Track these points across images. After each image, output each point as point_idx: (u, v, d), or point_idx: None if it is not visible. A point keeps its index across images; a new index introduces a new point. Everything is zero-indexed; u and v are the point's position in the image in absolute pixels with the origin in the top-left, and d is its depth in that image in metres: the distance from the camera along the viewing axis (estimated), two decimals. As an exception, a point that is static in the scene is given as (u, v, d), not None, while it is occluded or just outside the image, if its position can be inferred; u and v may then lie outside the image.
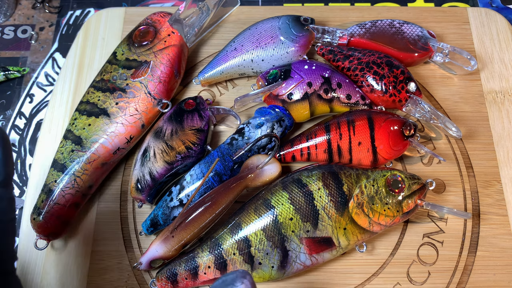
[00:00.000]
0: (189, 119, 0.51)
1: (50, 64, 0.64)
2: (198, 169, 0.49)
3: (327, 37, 0.58)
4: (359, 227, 0.45)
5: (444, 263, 0.49)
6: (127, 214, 0.52)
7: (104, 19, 0.63)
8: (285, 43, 0.56)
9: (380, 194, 0.45)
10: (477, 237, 0.50)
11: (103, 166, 0.50)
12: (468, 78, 0.59)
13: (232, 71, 0.57)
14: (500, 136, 0.55)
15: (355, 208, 0.45)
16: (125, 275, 0.48)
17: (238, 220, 0.45)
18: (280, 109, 0.52)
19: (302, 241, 0.44)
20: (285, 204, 0.45)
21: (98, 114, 0.51)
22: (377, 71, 0.53)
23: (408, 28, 0.58)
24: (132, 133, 0.51)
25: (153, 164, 0.49)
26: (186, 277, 0.45)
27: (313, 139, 0.51)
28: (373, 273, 0.48)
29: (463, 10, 0.64)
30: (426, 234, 0.50)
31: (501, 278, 0.48)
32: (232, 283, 0.30)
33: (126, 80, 0.52)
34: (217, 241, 0.45)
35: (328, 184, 0.45)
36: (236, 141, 0.50)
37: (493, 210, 0.51)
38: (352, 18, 0.63)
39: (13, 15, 0.68)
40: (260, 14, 0.63)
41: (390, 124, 0.50)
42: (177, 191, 0.49)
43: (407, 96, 0.53)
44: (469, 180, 0.53)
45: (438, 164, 0.54)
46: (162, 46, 0.54)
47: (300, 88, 0.52)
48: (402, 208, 0.45)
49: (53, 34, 0.66)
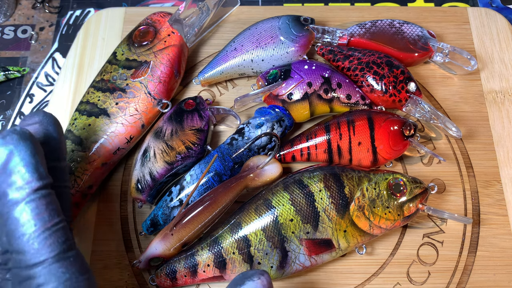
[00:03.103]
0: (189, 119, 0.51)
1: (50, 64, 0.64)
2: (198, 169, 0.49)
3: (327, 37, 0.58)
4: (359, 229, 0.45)
5: (444, 263, 0.49)
6: (127, 214, 0.52)
7: (104, 19, 0.63)
8: (285, 43, 0.56)
9: (382, 198, 0.45)
10: (477, 237, 0.50)
11: (103, 166, 0.50)
12: (468, 78, 0.59)
13: (232, 71, 0.57)
14: (500, 136, 0.55)
15: (356, 210, 0.45)
16: (125, 275, 0.48)
17: (238, 220, 0.45)
18: (280, 109, 0.52)
19: (302, 242, 0.44)
20: (286, 205, 0.45)
21: (98, 114, 0.51)
22: (377, 71, 0.53)
23: (408, 28, 0.58)
24: (132, 133, 0.51)
25: (153, 164, 0.49)
26: (185, 275, 0.45)
27: (313, 139, 0.51)
28: (373, 273, 0.48)
29: (463, 10, 0.64)
30: (426, 234, 0.50)
31: (501, 278, 0.48)
32: (251, 276, 0.34)
33: (126, 80, 0.52)
34: (217, 239, 0.45)
35: (329, 186, 0.45)
36: (236, 141, 0.50)
37: (493, 210, 0.51)
38: (352, 18, 0.63)
39: (13, 15, 0.68)
40: (260, 14, 0.63)
41: (390, 124, 0.50)
42: (177, 191, 0.49)
43: (407, 96, 0.53)
44: (469, 180, 0.53)
45: (438, 164, 0.54)
46: (162, 46, 0.54)
47: (300, 88, 0.52)
48: (403, 212, 0.45)
49: (53, 34, 0.67)
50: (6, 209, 0.30)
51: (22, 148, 0.30)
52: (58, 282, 0.30)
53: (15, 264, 0.30)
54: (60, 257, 0.30)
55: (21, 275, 0.30)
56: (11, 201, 0.30)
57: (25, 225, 0.30)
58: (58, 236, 0.30)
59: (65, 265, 0.30)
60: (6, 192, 0.30)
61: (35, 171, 0.30)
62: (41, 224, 0.30)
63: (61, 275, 0.30)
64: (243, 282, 0.34)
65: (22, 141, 0.30)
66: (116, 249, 0.50)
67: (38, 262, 0.29)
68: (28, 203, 0.30)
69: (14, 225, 0.30)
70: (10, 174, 0.30)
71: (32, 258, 0.29)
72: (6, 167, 0.30)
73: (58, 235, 0.31)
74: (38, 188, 0.30)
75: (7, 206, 0.30)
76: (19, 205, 0.30)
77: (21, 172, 0.30)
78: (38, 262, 0.29)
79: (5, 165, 0.30)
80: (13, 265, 0.30)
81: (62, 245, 0.31)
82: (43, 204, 0.30)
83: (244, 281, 0.34)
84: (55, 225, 0.31)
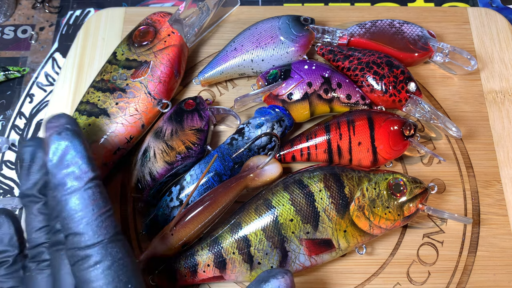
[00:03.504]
0: (189, 119, 0.51)
1: (50, 64, 0.64)
2: (198, 169, 0.49)
3: (327, 37, 0.58)
4: (359, 229, 0.45)
5: (444, 263, 0.49)
6: (127, 214, 0.52)
7: (104, 19, 0.63)
8: (285, 43, 0.56)
9: (382, 198, 0.45)
10: (477, 237, 0.50)
11: (103, 166, 0.50)
12: (468, 78, 0.59)
13: (232, 71, 0.57)
14: (500, 136, 0.55)
15: (356, 211, 0.45)
16: (125, 275, 0.48)
17: (238, 219, 0.45)
18: (280, 109, 0.52)
19: (301, 242, 0.44)
20: (286, 205, 0.45)
21: (98, 114, 0.51)
22: (377, 71, 0.53)
23: (408, 28, 0.58)
24: (132, 133, 0.51)
25: (153, 164, 0.49)
26: (185, 275, 0.45)
27: (313, 139, 0.51)
28: (373, 273, 0.48)
29: (463, 10, 0.64)
30: (426, 234, 0.50)
31: (501, 278, 0.48)
32: (275, 275, 0.36)
33: (126, 80, 0.52)
34: (217, 239, 0.45)
35: (329, 186, 0.45)
36: (236, 141, 0.50)
37: (493, 210, 0.51)
38: (352, 18, 0.63)
39: (13, 15, 0.68)
40: (260, 14, 0.63)
41: (390, 124, 0.50)
42: (177, 191, 0.49)
43: (407, 96, 0.53)
44: (469, 180, 0.53)
45: (438, 164, 0.54)
46: (162, 46, 0.54)
47: (300, 88, 0.52)
48: (403, 212, 0.45)
49: (53, 34, 0.66)
50: (64, 196, 0.33)
51: (77, 143, 0.34)
52: (113, 260, 0.33)
53: (73, 245, 0.33)
54: (113, 238, 0.34)
55: (79, 254, 0.33)
56: (70, 189, 0.33)
57: (84, 210, 0.33)
58: (112, 220, 0.34)
59: (118, 246, 0.34)
60: (64, 181, 0.33)
61: (90, 163, 0.34)
62: (98, 210, 0.33)
63: (115, 254, 0.33)
64: (268, 279, 0.36)
65: (76, 136, 0.34)
66: (116, 249, 0.49)
67: (96, 242, 0.33)
68: (86, 190, 0.33)
69: (73, 210, 0.33)
70: (68, 166, 0.33)
71: (90, 239, 0.33)
72: (63, 160, 0.33)
73: (111, 220, 0.34)
74: (93, 178, 0.34)
75: (66, 194, 0.33)
76: (78, 192, 0.33)
77: (78, 163, 0.33)
78: (96, 242, 0.33)
79: (62, 158, 0.33)
80: (70, 246, 0.33)
81: (115, 229, 0.34)
82: (98, 192, 0.34)
83: (269, 279, 0.36)
84: (108, 211, 0.34)
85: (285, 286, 0.36)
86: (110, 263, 0.33)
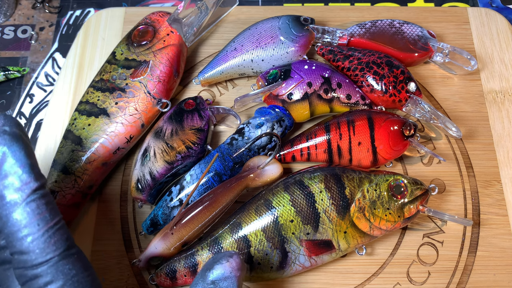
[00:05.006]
0: (189, 119, 0.51)
1: (50, 64, 0.64)
2: (198, 169, 0.49)
3: (327, 37, 0.58)
4: (359, 231, 0.45)
5: (444, 263, 0.49)
6: (127, 214, 0.52)
7: (104, 19, 0.63)
8: (285, 43, 0.55)
9: (382, 199, 0.45)
10: (477, 237, 0.50)
11: (103, 166, 0.50)
12: (468, 78, 0.59)
13: (232, 71, 0.57)
14: (500, 136, 0.55)
15: (357, 212, 0.45)
16: (125, 275, 0.48)
17: (239, 220, 0.45)
18: (280, 109, 0.52)
19: (302, 243, 0.44)
20: (286, 206, 0.45)
21: (98, 114, 0.51)
22: (377, 71, 0.53)
23: (408, 28, 0.58)
24: (132, 133, 0.51)
25: (153, 164, 0.49)
26: (185, 274, 0.45)
27: (313, 139, 0.51)
28: (373, 273, 0.48)
29: (463, 10, 0.64)
30: (426, 234, 0.50)
31: (501, 278, 0.48)
32: (220, 260, 0.34)
33: (125, 80, 0.52)
34: (217, 239, 0.45)
35: (330, 187, 0.45)
36: (236, 141, 0.50)
37: (493, 210, 0.51)
38: (352, 18, 0.63)
39: (13, 15, 0.68)
40: (260, 14, 0.63)
41: (390, 124, 0.49)
42: (177, 191, 0.49)
43: (407, 96, 0.53)
44: (469, 180, 0.53)
45: (438, 164, 0.54)
46: (161, 45, 0.54)
47: (300, 88, 0.52)
48: (403, 214, 0.45)
49: (53, 34, 0.66)
50: (5, 211, 0.29)
51: (16, 148, 0.30)
52: (66, 278, 0.30)
53: (19, 264, 0.30)
54: (65, 254, 0.30)
55: (27, 275, 0.30)
56: (9, 203, 0.29)
57: (28, 226, 0.30)
58: (61, 234, 0.31)
59: (71, 262, 0.31)
60: (2, 194, 0.29)
61: (32, 172, 0.30)
62: (44, 224, 0.30)
63: (68, 272, 0.30)
64: (212, 266, 0.34)
65: (14, 141, 0.30)
66: (116, 249, 0.50)
67: (44, 260, 0.30)
68: (29, 203, 0.30)
69: (16, 226, 0.29)
70: (6, 176, 0.29)
71: (37, 258, 0.30)
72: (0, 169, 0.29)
73: (61, 233, 0.31)
74: (37, 188, 0.30)
75: (6, 208, 0.29)
76: (19, 207, 0.29)
77: (18, 173, 0.29)
78: (44, 261, 0.30)
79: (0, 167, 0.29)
80: (17, 266, 0.30)
81: (66, 243, 0.31)
82: (44, 204, 0.30)
83: (213, 265, 0.34)
84: (57, 224, 0.31)
85: (231, 270, 0.33)
86: (62, 283, 0.30)
